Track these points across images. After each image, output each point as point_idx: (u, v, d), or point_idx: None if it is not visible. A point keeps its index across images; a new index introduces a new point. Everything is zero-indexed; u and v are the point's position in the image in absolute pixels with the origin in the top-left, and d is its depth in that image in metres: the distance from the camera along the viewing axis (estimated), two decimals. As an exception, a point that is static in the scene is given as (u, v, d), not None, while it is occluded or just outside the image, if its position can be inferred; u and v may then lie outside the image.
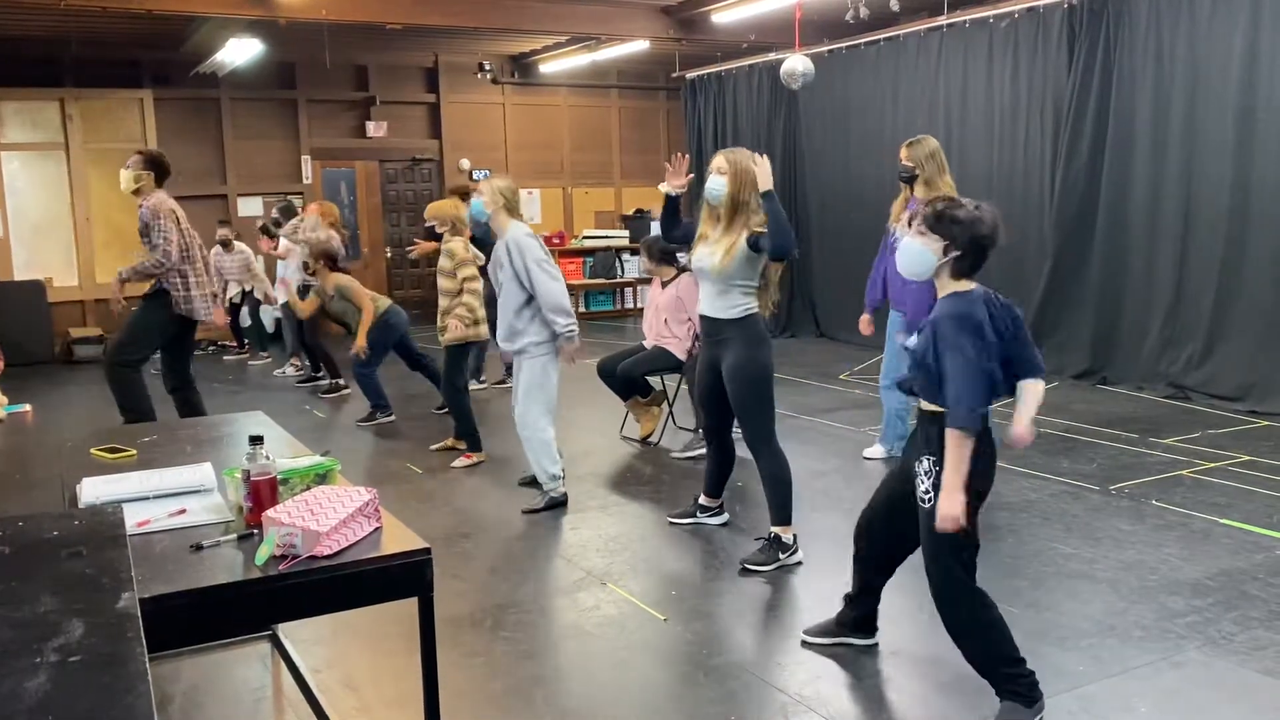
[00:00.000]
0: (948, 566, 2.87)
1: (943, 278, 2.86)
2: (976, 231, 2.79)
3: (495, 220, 4.97)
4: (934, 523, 2.78)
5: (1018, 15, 8.32)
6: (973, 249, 2.80)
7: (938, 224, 2.81)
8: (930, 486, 2.83)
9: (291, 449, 3.13)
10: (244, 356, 10.56)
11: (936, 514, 2.76)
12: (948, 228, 2.80)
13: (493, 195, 4.93)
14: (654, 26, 10.10)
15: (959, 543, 2.82)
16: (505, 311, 4.96)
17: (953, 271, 2.83)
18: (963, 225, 2.78)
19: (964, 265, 2.82)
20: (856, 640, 3.42)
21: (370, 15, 8.93)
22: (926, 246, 2.82)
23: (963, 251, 2.79)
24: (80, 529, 1.82)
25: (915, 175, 5.14)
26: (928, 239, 2.82)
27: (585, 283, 13.02)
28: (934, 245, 2.81)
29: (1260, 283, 6.86)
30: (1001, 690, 2.92)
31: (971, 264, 2.83)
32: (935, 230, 2.81)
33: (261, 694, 3.28)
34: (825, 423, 6.77)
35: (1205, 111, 7.11)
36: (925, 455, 2.86)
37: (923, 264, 2.84)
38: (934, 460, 2.83)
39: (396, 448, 6.50)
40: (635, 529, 4.81)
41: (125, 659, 1.30)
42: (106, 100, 10.83)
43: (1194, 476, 5.33)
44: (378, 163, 12.57)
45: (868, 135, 9.93)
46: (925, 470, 2.85)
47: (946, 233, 2.80)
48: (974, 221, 2.79)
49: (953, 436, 2.73)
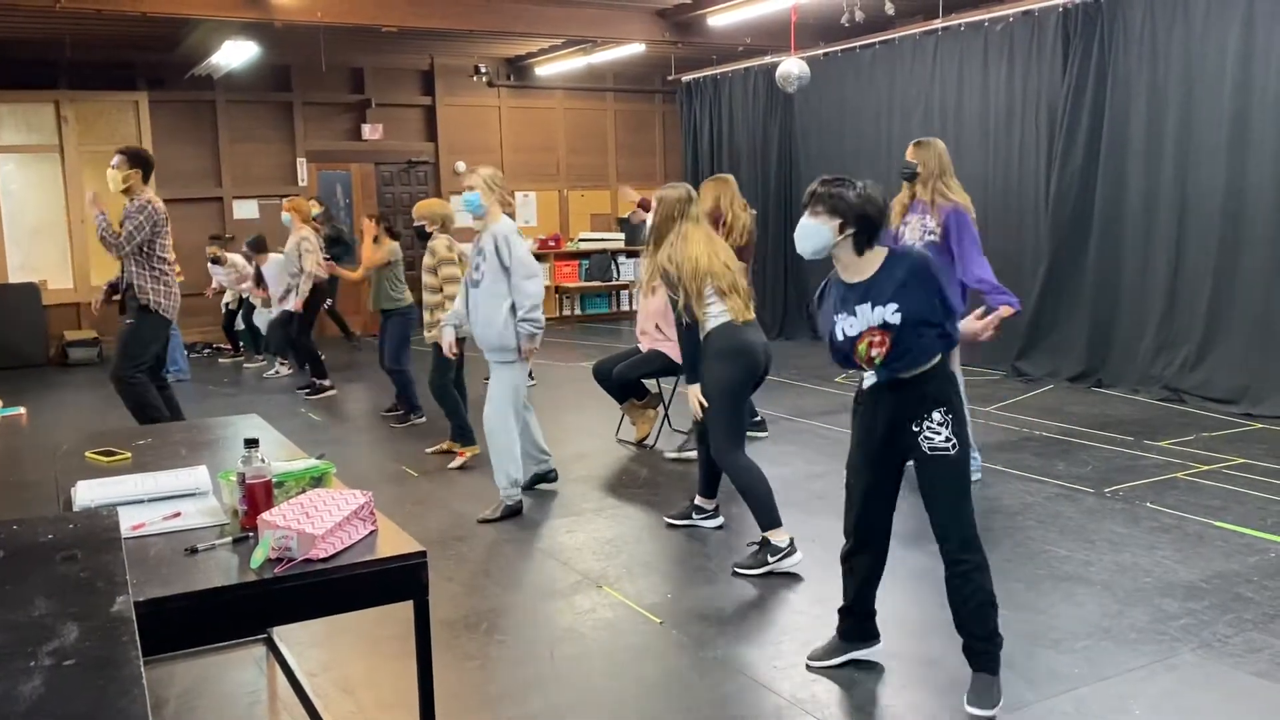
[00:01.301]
0: (970, 511, 3.02)
1: (846, 253, 3.01)
2: (867, 210, 2.97)
3: (488, 210, 4.87)
4: (960, 468, 2.98)
5: (1012, 19, 8.34)
6: (868, 228, 2.99)
7: (829, 203, 2.99)
8: (950, 433, 2.97)
9: (286, 452, 3.12)
10: (239, 360, 10.55)
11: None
12: (841, 206, 2.97)
13: (488, 184, 4.86)
14: (649, 29, 10.11)
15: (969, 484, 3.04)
16: (484, 307, 4.84)
17: (856, 247, 3.00)
18: (850, 204, 2.96)
19: (862, 240, 2.98)
20: (862, 652, 3.37)
21: (366, 18, 8.94)
22: (822, 225, 3.00)
23: (858, 229, 2.97)
24: (75, 532, 1.82)
25: (917, 173, 5.15)
26: (820, 219, 3.00)
27: (581, 285, 13.02)
28: (830, 223, 2.99)
29: (1254, 286, 6.88)
30: (978, 662, 3.04)
31: (869, 240, 3.00)
32: (826, 209, 2.99)
33: (256, 697, 3.28)
34: (819, 425, 6.77)
35: (1200, 114, 7.13)
36: (934, 409, 2.98)
37: (818, 240, 3.00)
38: (944, 410, 2.98)
39: (392, 450, 6.49)
40: (630, 532, 4.81)
41: (120, 662, 1.30)
42: (101, 102, 10.82)
43: (1188, 479, 5.34)
44: (373, 165, 12.56)
45: (863, 138, 9.95)
46: (939, 421, 2.97)
47: (839, 211, 2.98)
48: (864, 200, 2.98)
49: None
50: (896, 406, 3.03)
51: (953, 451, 2.97)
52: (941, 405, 2.98)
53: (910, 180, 5.20)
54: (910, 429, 3.01)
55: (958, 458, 2.98)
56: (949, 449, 2.97)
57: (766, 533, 4.24)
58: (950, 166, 5.20)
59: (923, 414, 2.98)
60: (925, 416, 2.98)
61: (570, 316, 13.13)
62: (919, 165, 5.15)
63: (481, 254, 4.87)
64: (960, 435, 2.99)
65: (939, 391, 2.99)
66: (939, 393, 2.99)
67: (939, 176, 5.11)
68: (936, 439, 2.97)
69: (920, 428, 2.99)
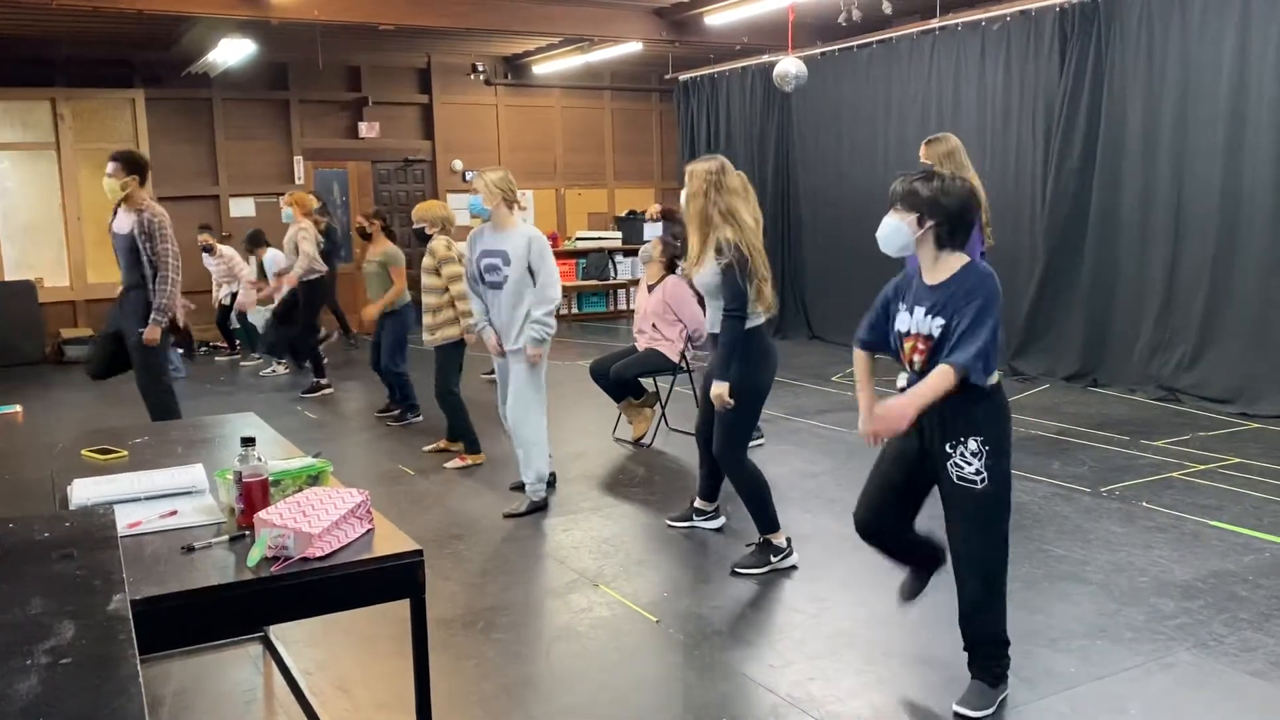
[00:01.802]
0: (1000, 535, 2.92)
1: (927, 250, 2.91)
2: (945, 200, 2.86)
3: (497, 215, 4.89)
4: (987, 503, 2.86)
5: (1009, 18, 8.34)
6: (947, 219, 2.87)
7: (906, 199, 2.90)
8: (982, 466, 2.84)
9: (283, 450, 3.12)
10: (235, 358, 10.54)
11: (891, 417, 2.82)
12: (916, 200, 2.88)
13: (490, 190, 4.86)
14: (647, 28, 10.10)
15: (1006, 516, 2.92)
16: (506, 308, 4.88)
17: (936, 242, 2.89)
18: (925, 198, 2.87)
19: (943, 233, 2.88)
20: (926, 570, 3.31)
21: (363, 16, 8.92)
22: (901, 221, 2.90)
23: (937, 221, 2.86)
24: (71, 531, 1.82)
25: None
26: (899, 214, 2.91)
27: (578, 284, 13.01)
28: (908, 219, 2.89)
29: (1250, 286, 6.89)
30: (980, 668, 3.01)
31: (950, 232, 2.89)
32: (905, 205, 2.90)
33: (253, 696, 3.27)
34: (817, 424, 6.77)
35: (1196, 114, 7.14)
36: (971, 436, 2.85)
37: (899, 238, 2.92)
38: (981, 440, 2.84)
39: (388, 449, 6.49)
40: (628, 530, 4.81)
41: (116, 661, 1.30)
42: (98, 100, 10.80)
43: (1184, 479, 5.35)
44: (370, 163, 12.54)
45: (860, 137, 9.95)
46: (974, 451, 2.85)
47: (915, 205, 2.88)
48: (941, 192, 2.87)
49: (951, 375, 2.75)
50: (939, 419, 2.89)
51: (979, 486, 2.84)
52: (980, 434, 2.84)
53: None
54: (944, 449, 2.90)
55: (984, 493, 2.85)
56: (976, 483, 2.85)
57: (767, 535, 4.24)
58: (966, 163, 5.11)
59: (959, 437, 2.86)
60: (961, 441, 2.86)
61: (567, 315, 13.12)
62: (933, 165, 5.13)
63: (509, 258, 4.84)
64: (996, 472, 2.85)
65: (984, 418, 2.84)
66: (984, 419, 2.84)
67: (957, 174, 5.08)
68: (966, 469, 2.86)
69: (953, 451, 2.87)
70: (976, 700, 2.99)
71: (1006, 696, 3.05)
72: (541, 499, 5.08)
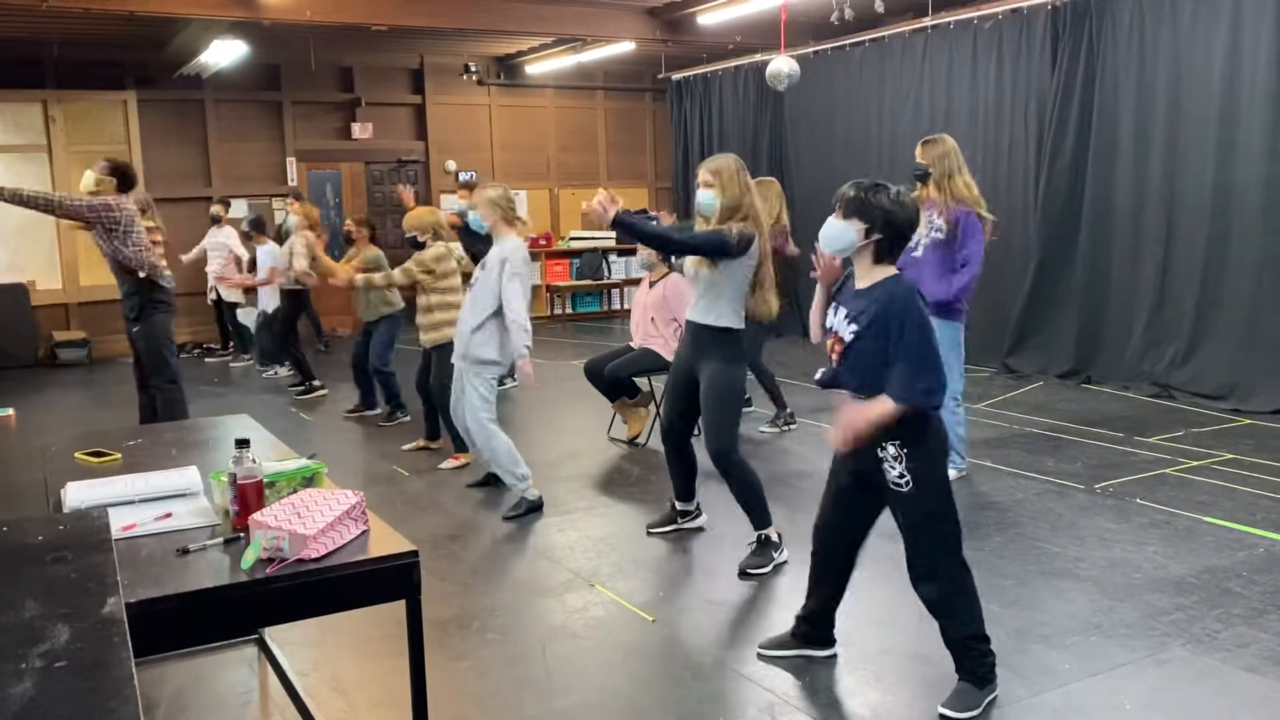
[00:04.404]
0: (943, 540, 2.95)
1: (864, 259, 2.96)
2: (895, 218, 2.90)
3: (495, 231, 5.00)
4: (918, 507, 2.91)
5: (1001, 16, 8.36)
6: (893, 235, 2.92)
7: (860, 209, 2.92)
8: (904, 470, 2.90)
9: (277, 452, 3.12)
10: (227, 358, 10.51)
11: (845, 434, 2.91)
12: (869, 213, 2.90)
13: (489, 207, 4.94)
14: (640, 27, 10.10)
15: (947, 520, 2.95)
16: (467, 314, 4.98)
17: (875, 255, 2.94)
18: (881, 214, 2.89)
19: (883, 248, 2.93)
20: (815, 651, 3.39)
21: (355, 17, 8.91)
22: (850, 227, 2.94)
23: (883, 236, 2.91)
24: (65, 533, 1.81)
25: (929, 174, 5.13)
26: (848, 221, 2.94)
27: (572, 284, 13.01)
28: (856, 227, 2.93)
29: (1242, 282, 6.91)
30: (963, 669, 3.02)
31: (889, 248, 2.94)
32: (856, 214, 2.92)
33: (248, 697, 3.27)
34: (810, 423, 6.78)
35: (1188, 112, 7.16)
36: (888, 441, 2.90)
37: (841, 242, 2.96)
38: (899, 444, 2.89)
39: (383, 450, 6.48)
40: (622, 530, 4.81)
41: (111, 664, 1.30)
42: (90, 102, 10.76)
43: (1178, 475, 5.37)
44: (363, 164, 12.52)
45: (853, 136, 9.96)
46: (893, 455, 2.91)
47: (867, 216, 2.90)
48: (895, 208, 2.90)
49: (890, 409, 2.82)
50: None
51: (906, 489, 2.91)
52: (897, 439, 2.88)
53: (924, 181, 5.16)
54: (875, 452, 2.95)
55: (912, 496, 2.91)
56: (903, 486, 2.92)
57: (763, 530, 4.25)
58: (961, 164, 5.12)
59: (880, 441, 2.91)
60: (881, 445, 2.91)
61: (561, 315, 13.12)
62: (930, 166, 5.13)
63: (483, 265, 4.99)
64: (920, 476, 2.89)
65: (904, 424, 2.85)
66: (904, 425, 2.85)
67: (949, 177, 5.08)
68: (891, 473, 2.93)
69: (882, 454, 2.93)
70: (959, 701, 2.99)
71: (996, 696, 3.04)
72: (536, 497, 5.07)
